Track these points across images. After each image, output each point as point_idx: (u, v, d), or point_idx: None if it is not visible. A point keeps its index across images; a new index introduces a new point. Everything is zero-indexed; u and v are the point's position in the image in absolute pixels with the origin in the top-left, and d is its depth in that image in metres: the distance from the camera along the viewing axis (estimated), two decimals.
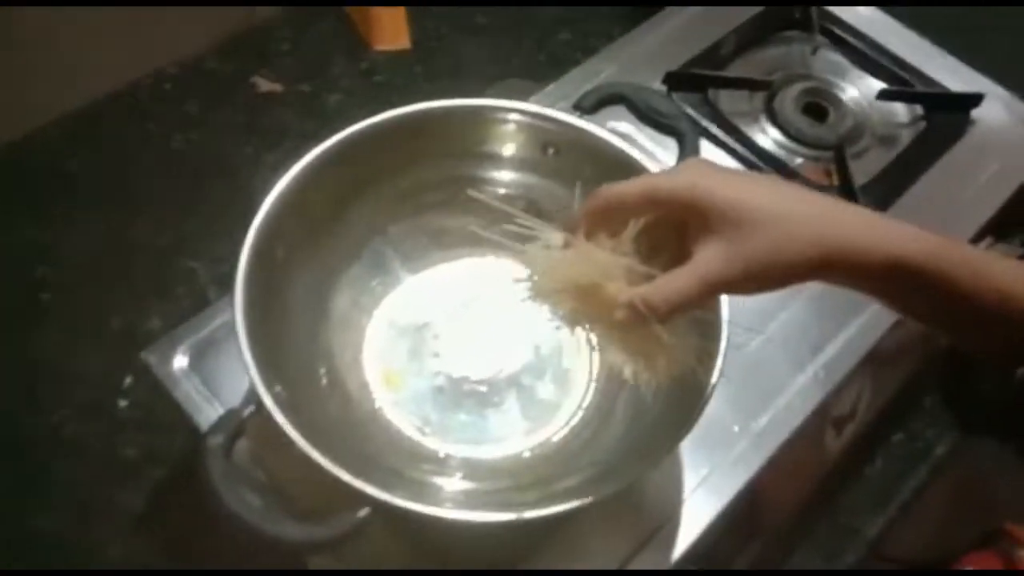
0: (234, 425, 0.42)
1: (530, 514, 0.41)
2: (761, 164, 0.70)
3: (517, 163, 0.56)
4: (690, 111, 0.70)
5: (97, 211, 0.77)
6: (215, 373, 0.56)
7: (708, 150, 0.70)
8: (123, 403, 0.67)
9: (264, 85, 0.87)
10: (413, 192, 0.55)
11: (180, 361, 0.56)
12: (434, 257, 0.59)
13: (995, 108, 0.77)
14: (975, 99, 0.75)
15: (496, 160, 0.55)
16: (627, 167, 0.52)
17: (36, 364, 0.69)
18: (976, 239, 0.71)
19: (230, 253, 0.74)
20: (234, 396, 0.54)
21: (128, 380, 0.68)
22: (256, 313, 0.47)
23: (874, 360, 0.62)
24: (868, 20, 0.81)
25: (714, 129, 0.71)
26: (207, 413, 0.53)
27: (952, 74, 0.78)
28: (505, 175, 0.56)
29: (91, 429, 0.66)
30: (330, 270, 0.54)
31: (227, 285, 0.63)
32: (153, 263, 0.75)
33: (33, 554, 0.61)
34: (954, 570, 0.78)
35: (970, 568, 0.92)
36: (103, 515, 0.63)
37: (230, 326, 0.58)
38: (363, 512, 0.40)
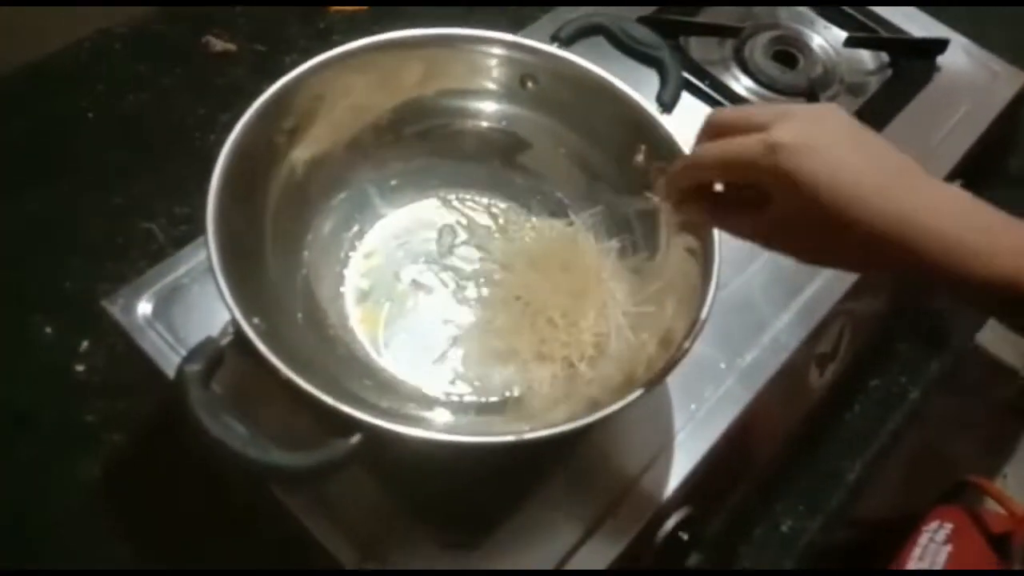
0: (211, 353, 0.40)
1: (530, 435, 0.39)
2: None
3: (498, 95, 0.54)
4: None
5: (44, 177, 0.73)
6: (182, 321, 0.53)
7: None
8: (80, 368, 0.64)
9: (217, 45, 0.84)
10: (391, 127, 0.53)
11: (144, 308, 0.53)
12: (416, 194, 0.56)
13: (958, 55, 0.78)
14: (940, 45, 0.76)
15: (477, 93, 0.54)
16: (608, 95, 0.51)
17: None
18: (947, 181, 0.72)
19: (188, 214, 0.73)
20: None
21: (85, 344, 0.65)
22: (228, 249, 0.44)
23: (852, 299, 0.62)
24: None
25: (687, 75, 0.70)
26: (175, 362, 0.50)
27: (915, 23, 0.79)
28: (487, 106, 0.54)
29: (47, 398, 0.62)
30: (307, 206, 0.51)
31: (187, 245, 0.62)
32: (107, 227, 0.71)
33: None
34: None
35: (937, 523, 0.93)
36: (63, 488, 0.59)
37: (195, 273, 0.56)
38: (354, 439, 0.38)
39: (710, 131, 0.41)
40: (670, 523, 0.52)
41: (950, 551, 0.89)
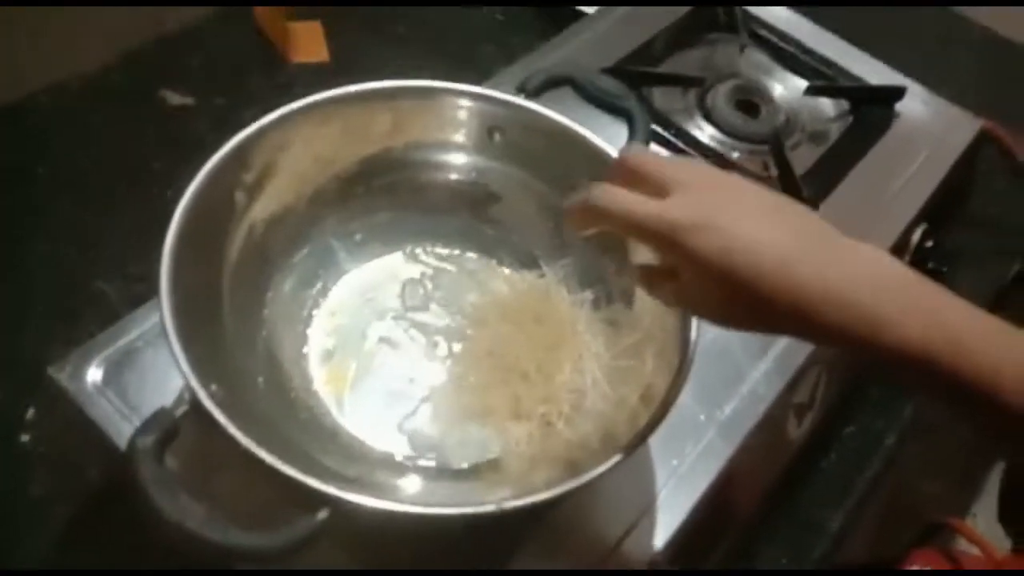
0: (166, 425, 0.37)
1: (509, 505, 0.37)
2: (700, 157, 0.69)
3: (467, 148, 0.53)
4: None
5: None
6: (135, 387, 0.50)
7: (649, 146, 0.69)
8: (25, 438, 0.60)
9: (174, 99, 0.82)
10: (357, 179, 0.51)
11: (94, 375, 0.50)
12: (382, 248, 0.55)
13: (915, 103, 0.79)
14: (897, 92, 0.77)
15: (445, 145, 0.52)
16: (577, 145, 0.50)
17: None
18: (911, 227, 0.72)
19: (144, 273, 0.70)
20: None
21: (31, 412, 0.61)
22: (184, 311, 0.42)
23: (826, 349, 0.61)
24: (788, 22, 0.83)
25: (652, 125, 0.70)
26: (127, 432, 0.47)
27: (872, 71, 0.81)
28: (456, 158, 0.53)
29: None
30: (268, 264, 0.49)
31: (141, 306, 0.59)
32: (57, 286, 0.68)
33: None
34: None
35: (916, 568, 0.92)
36: (10, 564, 0.56)
37: (149, 336, 0.53)
38: (321, 514, 0.35)
39: (620, 172, 0.39)
40: None
41: None
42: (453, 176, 0.53)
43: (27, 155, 0.75)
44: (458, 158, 0.53)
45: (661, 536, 0.50)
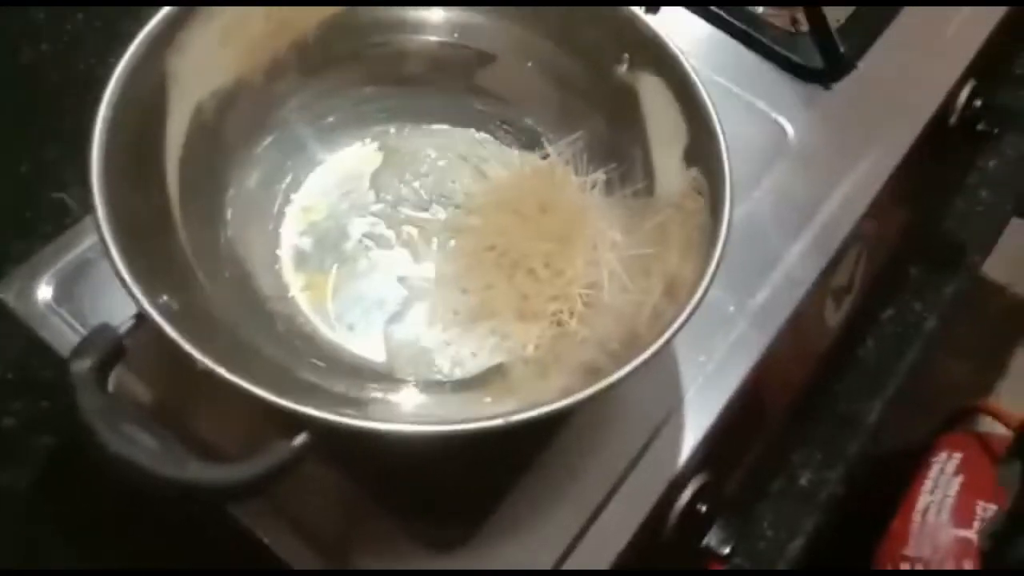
0: (106, 345, 0.32)
1: (517, 418, 0.32)
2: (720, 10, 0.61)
3: None
4: None
5: None
6: (91, 304, 0.44)
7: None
8: None
9: None
10: (318, 46, 0.44)
11: (44, 293, 0.44)
12: (358, 131, 0.48)
13: None
14: None
15: None
16: None
17: None
18: (957, 85, 0.64)
19: None
20: None
21: None
22: (127, 217, 0.36)
23: (870, 218, 0.54)
24: None
25: None
26: None
27: None
28: (432, 14, 0.45)
29: None
30: (224, 155, 0.42)
31: None
32: (11, 198, 0.62)
33: None
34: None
35: (945, 453, 0.89)
36: None
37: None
38: (299, 440, 0.30)
39: None
40: (685, 496, 0.45)
41: (961, 482, 0.85)
42: (433, 37, 0.45)
43: None
44: (435, 14, 0.45)
45: (689, 443, 0.45)
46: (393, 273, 0.45)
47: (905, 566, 0.83)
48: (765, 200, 0.53)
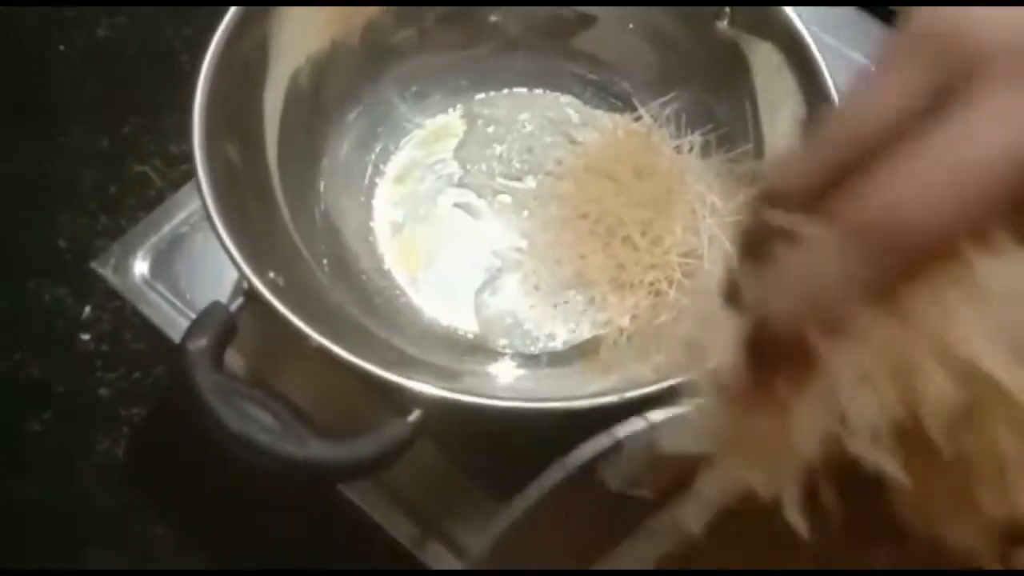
0: (220, 324, 0.32)
1: (631, 395, 0.31)
2: None
3: None
4: None
5: (16, 122, 0.64)
6: (186, 278, 0.45)
7: None
8: (86, 337, 0.57)
9: None
10: (413, 12, 0.43)
11: (140, 267, 0.45)
12: (449, 99, 0.47)
13: None
14: None
15: None
16: None
17: None
18: None
19: (186, 152, 0.63)
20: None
21: (87, 310, 0.57)
22: (227, 189, 0.35)
23: None
24: None
25: None
26: (183, 326, 0.42)
27: None
28: None
29: (54, 372, 0.55)
30: (320, 121, 0.42)
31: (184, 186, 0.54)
32: (96, 174, 0.63)
33: (10, 523, 0.52)
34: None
35: None
36: (82, 470, 0.53)
37: (195, 219, 0.47)
38: (413, 416, 0.30)
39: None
40: None
41: None
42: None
43: (44, 32, 0.68)
44: None
45: None
46: (485, 243, 0.45)
47: None
48: None
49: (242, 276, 0.31)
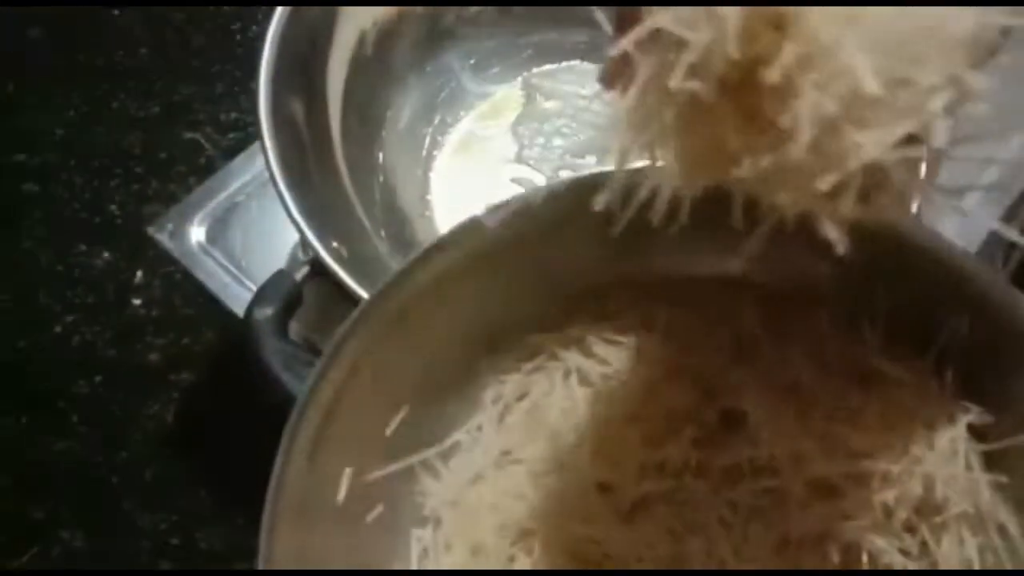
0: (285, 293, 0.31)
1: None
2: None
3: None
4: None
5: (71, 84, 0.65)
6: (242, 245, 0.45)
7: None
8: (136, 302, 0.57)
9: None
10: None
11: (197, 233, 0.45)
12: (511, 70, 0.46)
13: None
14: None
15: None
16: None
17: (27, 266, 0.58)
18: None
19: (236, 120, 0.63)
20: (269, 271, 0.43)
21: (139, 275, 0.58)
22: (290, 158, 0.35)
23: None
24: None
25: None
26: (238, 294, 0.42)
27: None
28: None
29: (103, 336, 0.56)
30: (381, 88, 0.41)
31: (239, 155, 0.53)
32: (147, 139, 0.63)
33: (58, 483, 0.53)
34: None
35: None
36: (131, 433, 0.54)
37: (251, 188, 0.47)
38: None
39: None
40: None
41: None
42: None
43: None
44: None
45: None
46: None
47: None
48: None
49: (307, 245, 0.31)
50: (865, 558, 0.27)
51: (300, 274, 0.32)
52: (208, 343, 0.55)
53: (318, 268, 0.31)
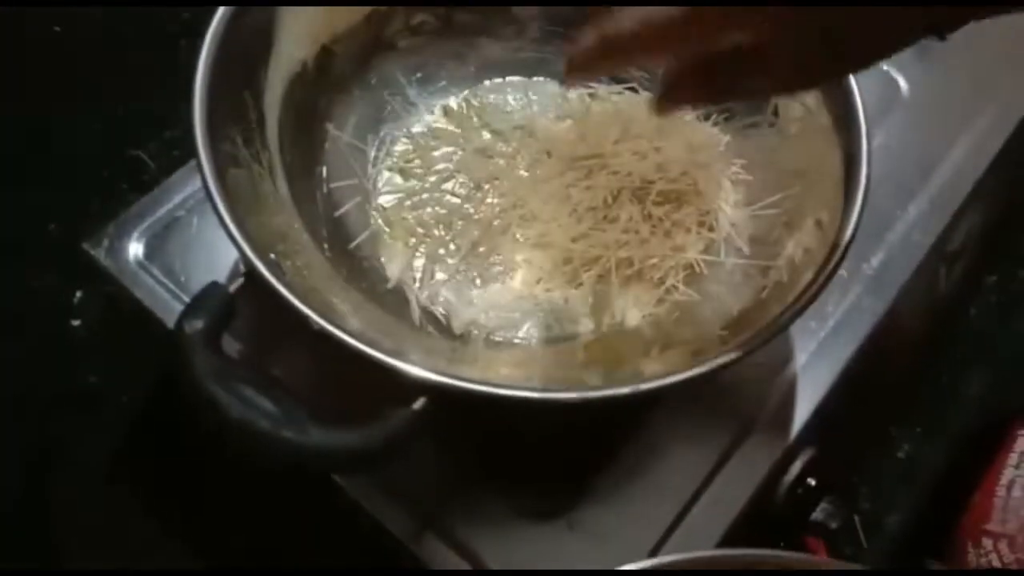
0: (218, 305, 0.30)
1: (646, 386, 0.30)
2: None
3: None
4: None
5: (9, 104, 0.63)
6: (182, 261, 0.43)
7: None
8: (76, 323, 0.55)
9: None
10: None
11: (135, 249, 0.43)
12: (457, 82, 0.45)
13: None
14: None
15: None
16: None
17: None
18: None
19: (180, 137, 0.62)
20: None
21: (79, 295, 0.56)
22: (228, 170, 0.34)
23: (992, 174, 0.51)
24: None
25: None
26: (177, 310, 0.41)
27: None
28: None
29: (42, 359, 0.54)
30: (324, 99, 0.40)
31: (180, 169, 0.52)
32: (89, 158, 0.62)
33: None
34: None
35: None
36: (68, 461, 0.52)
37: (191, 203, 0.45)
38: (418, 404, 0.28)
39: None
40: (795, 469, 0.43)
41: None
42: None
43: (28, 12, 0.67)
44: None
45: (801, 413, 0.43)
46: (485, 231, 0.43)
47: (988, 541, 0.79)
48: (878, 158, 0.49)
49: (241, 255, 0.30)
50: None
51: (234, 286, 0.31)
52: (148, 366, 0.53)
53: (253, 279, 0.30)
